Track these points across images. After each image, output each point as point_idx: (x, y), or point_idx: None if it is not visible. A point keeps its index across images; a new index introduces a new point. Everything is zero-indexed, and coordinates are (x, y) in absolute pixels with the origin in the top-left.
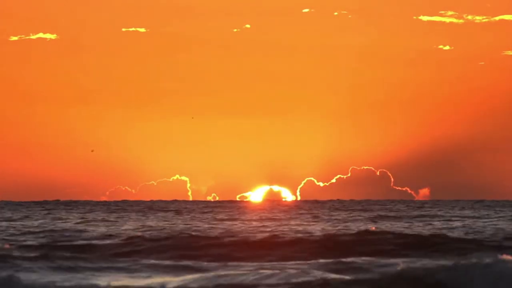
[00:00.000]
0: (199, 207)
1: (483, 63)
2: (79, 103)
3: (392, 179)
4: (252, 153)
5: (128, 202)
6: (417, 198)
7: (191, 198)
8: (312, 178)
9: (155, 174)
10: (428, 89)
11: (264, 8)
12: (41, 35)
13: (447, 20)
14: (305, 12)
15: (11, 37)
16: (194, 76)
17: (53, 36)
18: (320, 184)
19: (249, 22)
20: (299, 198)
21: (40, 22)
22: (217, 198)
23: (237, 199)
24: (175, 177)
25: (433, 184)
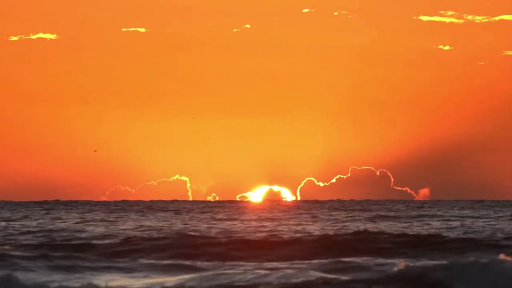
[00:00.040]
0: (199, 207)
1: (483, 63)
2: (79, 103)
3: (392, 179)
4: (252, 153)
5: (128, 202)
6: (417, 198)
7: (191, 198)
8: (312, 178)
9: (155, 174)
10: (428, 89)
11: (264, 8)
12: (41, 35)
13: (447, 20)
14: (305, 12)
15: (11, 37)
16: (194, 76)
17: (53, 36)
18: (320, 184)
19: (249, 22)
20: (299, 198)
21: (40, 22)
22: (217, 198)
23: (237, 199)
24: (175, 177)
25: (433, 184)
